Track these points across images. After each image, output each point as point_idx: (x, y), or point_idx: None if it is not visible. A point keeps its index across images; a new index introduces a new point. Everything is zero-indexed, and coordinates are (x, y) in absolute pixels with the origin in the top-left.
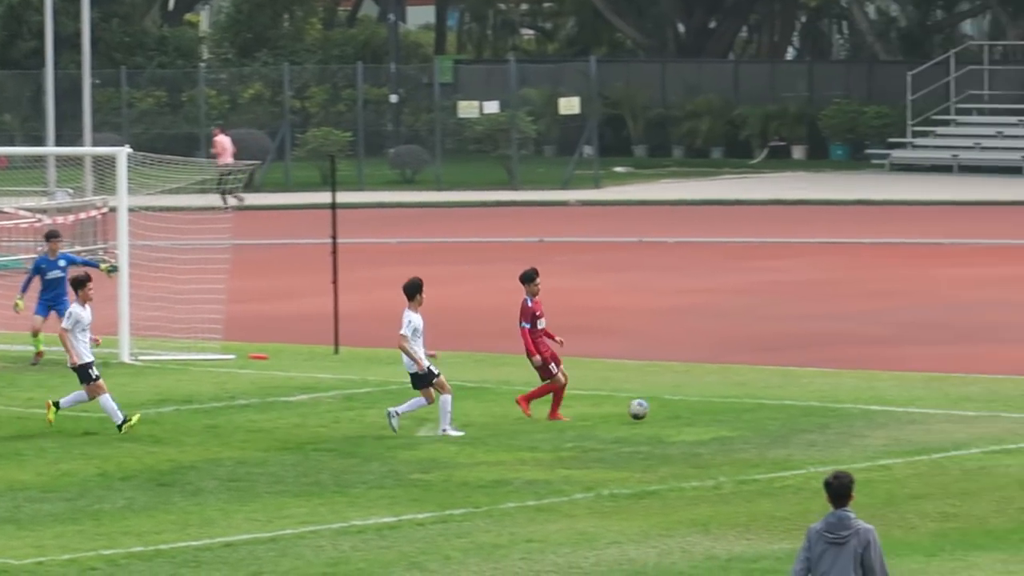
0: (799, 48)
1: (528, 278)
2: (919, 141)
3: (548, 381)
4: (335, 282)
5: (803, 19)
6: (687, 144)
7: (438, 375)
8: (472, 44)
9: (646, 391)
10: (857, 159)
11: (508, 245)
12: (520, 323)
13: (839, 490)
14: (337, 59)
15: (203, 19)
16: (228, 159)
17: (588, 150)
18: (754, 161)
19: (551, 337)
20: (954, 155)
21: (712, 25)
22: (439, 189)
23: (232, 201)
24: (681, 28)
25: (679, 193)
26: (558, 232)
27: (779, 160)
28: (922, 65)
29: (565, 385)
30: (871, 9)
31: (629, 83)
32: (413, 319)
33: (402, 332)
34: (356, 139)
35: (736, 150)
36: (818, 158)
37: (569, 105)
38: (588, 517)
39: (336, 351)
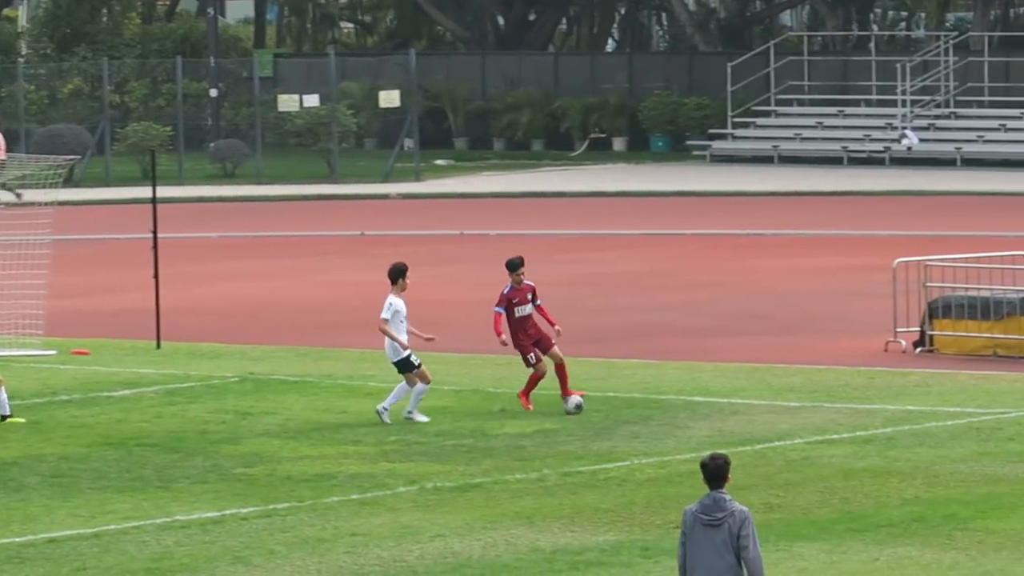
0: (619, 40)
1: (511, 266)
2: (740, 132)
3: (532, 370)
4: (156, 277)
5: (622, 11)
6: (508, 137)
7: (418, 366)
8: (291, 38)
9: (469, 383)
10: (678, 150)
11: (329, 239)
12: (495, 306)
13: (714, 471)
14: (156, 53)
15: (21, 14)
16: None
17: (409, 143)
18: (575, 153)
19: (551, 323)
20: (775, 146)
21: (531, 17)
22: (260, 183)
23: (10, 197)
24: (501, 20)
25: (500, 186)
26: (379, 225)
27: (600, 152)
28: (742, 56)
29: (543, 376)
30: (690, 0)
31: (449, 76)
32: (395, 303)
33: (383, 316)
34: (176, 133)
35: (557, 142)
36: (639, 150)
37: (389, 98)
38: (412, 510)
39: (158, 346)
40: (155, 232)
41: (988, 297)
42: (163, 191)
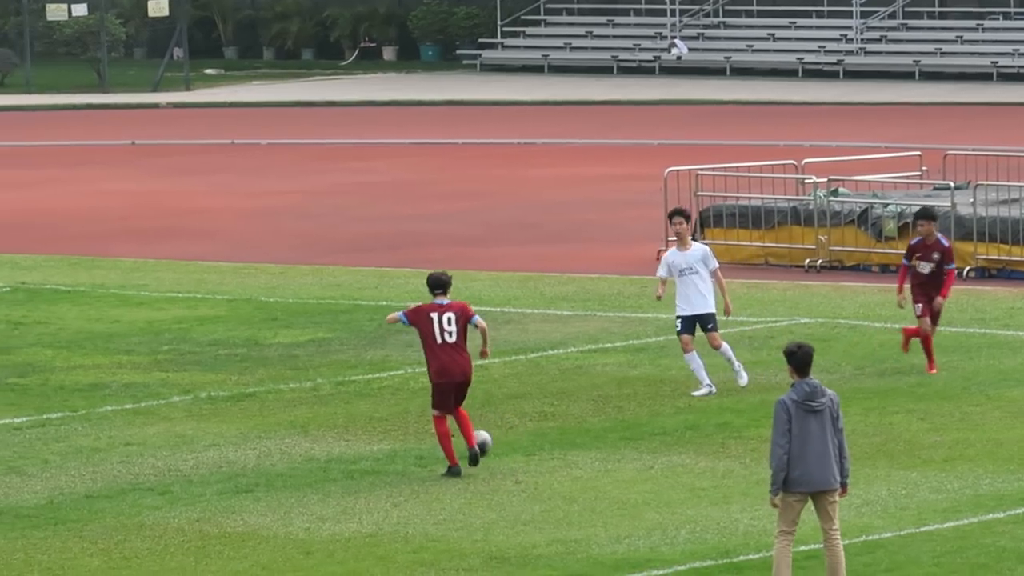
0: None
1: (917, 215)
2: (509, 41)
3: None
4: None
5: None
6: (278, 46)
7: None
8: None
9: (242, 293)
10: (448, 60)
11: (99, 148)
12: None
13: (803, 359)
14: None
15: None
16: None
17: (178, 52)
18: (345, 63)
19: (942, 293)
20: (545, 55)
21: None
22: (29, 92)
23: None
24: None
25: (270, 95)
26: (150, 135)
27: (370, 61)
28: None
29: (924, 335)
30: None
31: None
32: (667, 257)
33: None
34: None
35: (327, 51)
36: (409, 59)
37: (158, 7)
38: (186, 420)
39: None
40: None
41: (759, 206)
42: None
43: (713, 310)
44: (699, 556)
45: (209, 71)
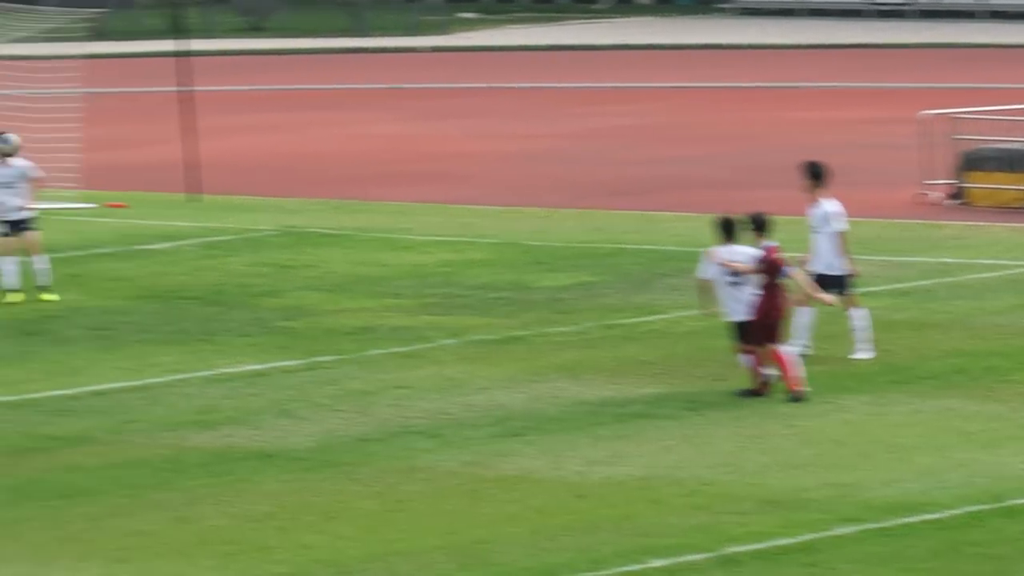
0: None
1: None
2: None
3: None
4: (192, 130)
5: None
6: None
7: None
8: None
9: (507, 236)
10: (705, 3)
11: (358, 91)
12: None
13: None
14: None
15: None
16: None
17: None
18: (600, 6)
19: None
20: None
21: None
22: (288, 36)
23: None
24: None
25: (527, 39)
26: (407, 79)
27: (626, 5)
28: None
29: None
30: None
31: None
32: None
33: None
34: None
35: None
36: (666, 2)
37: None
38: (456, 363)
39: (195, 199)
40: (186, 85)
41: (1021, 149)
42: (192, 44)
43: None
44: (971, 500)
45: (466, 15)
